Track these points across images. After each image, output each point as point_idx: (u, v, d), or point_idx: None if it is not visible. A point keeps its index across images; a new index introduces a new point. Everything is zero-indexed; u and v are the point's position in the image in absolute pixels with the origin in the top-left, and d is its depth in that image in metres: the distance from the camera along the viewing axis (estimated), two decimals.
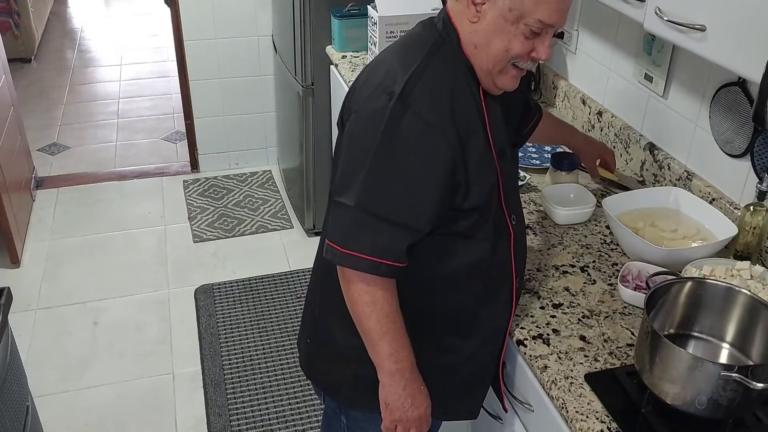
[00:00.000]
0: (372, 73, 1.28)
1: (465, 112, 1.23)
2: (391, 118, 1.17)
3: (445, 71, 1.23)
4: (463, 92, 1.24)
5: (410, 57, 1.23)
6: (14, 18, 5.08)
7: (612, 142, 2.14)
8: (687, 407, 1.17)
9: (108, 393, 2.62)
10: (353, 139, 1.24)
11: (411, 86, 1.19)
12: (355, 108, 1.26)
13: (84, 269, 3.25)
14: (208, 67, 3.69)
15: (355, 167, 1.21)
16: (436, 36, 1.26)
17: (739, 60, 1.24)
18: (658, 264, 1.55)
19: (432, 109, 1.19)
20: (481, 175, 1.25)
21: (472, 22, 1.20)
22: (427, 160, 1.19)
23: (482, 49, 1.22)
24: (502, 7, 1.16)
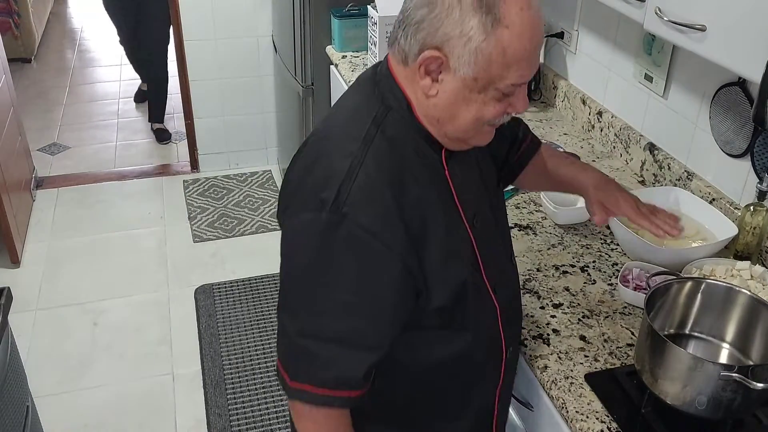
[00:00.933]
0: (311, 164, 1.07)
1: (418, 199, 1.03)
2: (325, 233, 0.99)
3: (388, 157, 1.03)
4: (415, 172, 1.04)
5: (346, 146, 1.03)
6: (14, 18, 5.08)
7: (612, 142, 2.14)
8: (687, 407, 1.17)
9: (108, 393, 2.62)
10: (287, 254, 1.07)
11: (345, 190, 0.99)
12: (288, 210, 1.07)
13: (84, 269, 3.25)
14: (208, 67, 3.69)
15: (292, 288, 1.06)
16: (377, 107, 1.06)
17: (739, 60, 1.24)
18: (658, 264, 1.55)
19: (374, 214, 0.99)
20: (447, 272, 1.07)
21: (429, 95, 1.02)
22: (373, 278, 1.01)
23: (447, 122, 1.04)
24: (465, 77, 0.98)
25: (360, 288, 1.02)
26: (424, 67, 0.99)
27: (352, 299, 1.02)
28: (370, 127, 1.04)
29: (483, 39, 0.95)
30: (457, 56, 0.96)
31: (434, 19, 0.96)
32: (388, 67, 1.07)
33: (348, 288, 1.01)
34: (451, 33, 0.95)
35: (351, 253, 1.00)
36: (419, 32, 0.98)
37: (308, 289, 1.03)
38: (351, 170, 1.01)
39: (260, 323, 2.92)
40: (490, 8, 0.94)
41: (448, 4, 0.95)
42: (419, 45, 0.98)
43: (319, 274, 1.02)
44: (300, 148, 1.14)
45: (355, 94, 1.14)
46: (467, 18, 0.94)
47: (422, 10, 0.97)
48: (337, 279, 1.01)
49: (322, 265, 1.01)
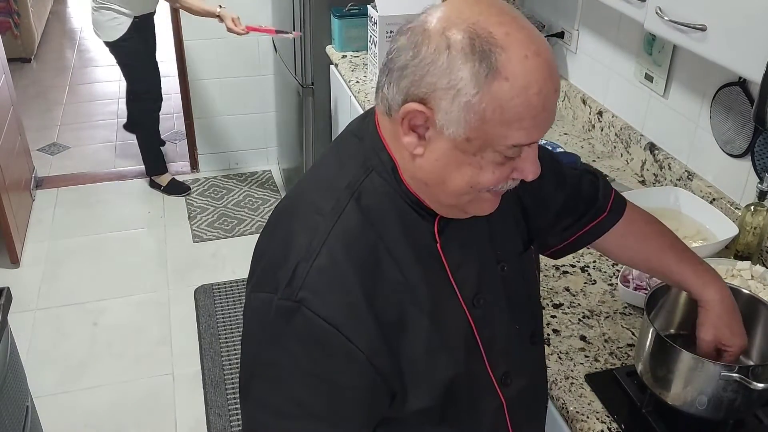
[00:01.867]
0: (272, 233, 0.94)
1: (396, 284, 0.87)
2: (276, 321, 0.85)
3: (359, 233, 0.87)
4: (394, 252, 0.88)
5: (310, 217, 0.88)
6: (14, 18, 5.08)
7: (612, 142, 2.14)
8: (687, 407, 1.17)
9: (108, 394, 2.62)
10: (243, 333, 0.93)
11: (302, 271, 0.84)
12: (248, 284, 0.94)
13: (83, 269, 3.24)
14: (208, 67, 3.69)
15: (246, 374, 0.92)
16: (355, 169, 0.90)
17: (740, 60, 1.24)
18: None
19: (335, 303, 0.84)
20: (430, 368, 0.90)
21: (415, 155, 0.84)
22: (334, 377, 0.85)
23: (436, 186, 0.86)
24: (455, 136, 0.80)
25: (321, 387, 0.85)
26: (408, 122, 0.82)
27: (312, 399, 0.86)
28: (342, 195, 0.88)
29: (475, 93, 0.77)
30: (444, 111, 0.79)
31: (419, 64, 0.79)
32: (374, 120, 0.91)
33: (306, 386, 0.86)
34: (438, 83, 0.78)
35: (309, 348, 0.84)
36: (403, 79, 0.81)
37: (263, 380, 0.88)
38: (311, 248, 0.85)
39: None
40: (484, 55, 0.77)
41: (434, 47, 0.78)
42: (402, 95, 0.82)
43: (274, 366, 0.87)
44: (270, 215, 1.00)
45: (335, 150, 0.97)
46: (456, 66, 0.77)
47: (406, 53, 0.81)
48: (294, 375, 0.85)
49: (275, 357, 0.86)
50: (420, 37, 0.80)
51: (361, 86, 2.56)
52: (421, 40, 0.80)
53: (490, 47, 0.77)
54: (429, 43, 0.79)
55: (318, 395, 0.86)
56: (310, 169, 1.00)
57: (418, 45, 0.80)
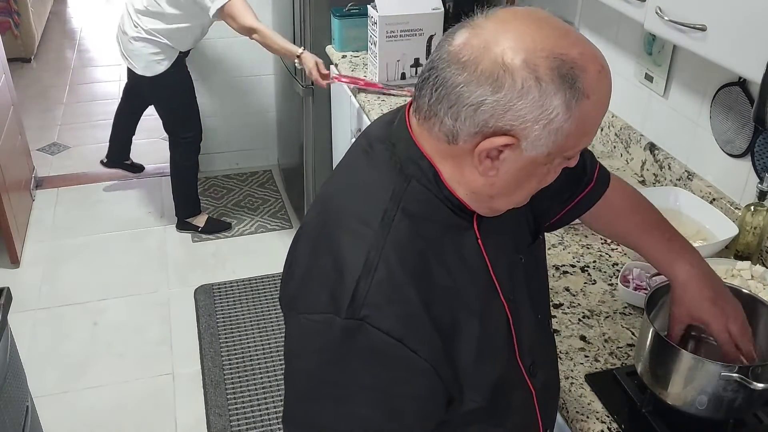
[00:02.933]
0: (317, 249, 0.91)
1: (447, 288, 0.89)
2: (342, 342, 0.84)
3: (411, 242, 0.87)
4: (443, 256, 0.90)
5: (360, 231, 0.87)
6: (14, 18, 5.08)
7: (612, 142, 2.14)
8: (687, 407, 1.17)
9: (108, 393, 2.62)
10: (293, 356, 0.91)
11: (363, 289, 0.83)
12: (295, 304, 0.91)
13: (84, 269, 3.25)
14: (208, 67, 3.69)
15: (300, 397, 0.90)
16: (395, 179, 0.90)
17: (740, 60, 1.24)
18: None
19: (398, 315, 0.84)
20: (482, 369, 0.92)
21: (489, 176, 0.86)
22: (400, 389, 0.85)
23: (501, 197, 0.90)
24: (537, 154, 0.83)
25: (384, 401, 0.85)
26: (487, 152, 0.84)
27: (374, 414, 0.85)
28: (388, 206, 0.88)
29: (567, 117, 0.81)
30: (534, 139, 0.81)
31: (500, 100, 0.79)
32: (407, 129, 0.91)
33: (369, 402, 0.85)
34: (527, 116, 0.80)
35: (373, 364, 0.84)
36: (478, 115, 0.81)
37: (320, 402, 0.86)
38: (369, 263, 0.85)
39: (260, 323, 2.92)
40: (573, 82, 0.80)
41: (521, 84, 0.79)
42: (478, 128, 0.82)
43: (335, 387, 0.85)
44: (299, 231, 0.98)
45: (365, 161, 0.96)
46: (548, 98, 0.79)
47: (481, 90, 0.80)
48: (357, 393, 0.85)
49: (337, 378, 0.85)
50: (499, 73, 0.79)
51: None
52: (500, 76, 0.79)
53: (574, 72, 0.80)
54: (513, 78, 0.79)
55: (383, 411, 0.85)
56: (339, 179, 0.99)
57: (499, 81, 0.79)
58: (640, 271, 1.54)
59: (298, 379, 0.90)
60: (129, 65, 3.08)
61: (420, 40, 2.46)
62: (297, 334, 0.90)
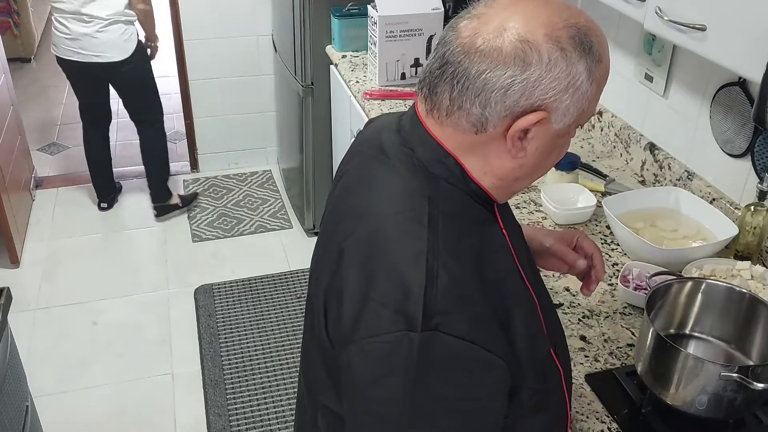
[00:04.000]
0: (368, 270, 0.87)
1: (493, 278, 0.89)
2: (421, 355, 0.81)
3: (458, 241, 0.88)
4: (483, 248, 0.90)
5: (412, 242, 0.85)
6: (14, 18, 5.08)
7: (612, 141, 2.14)
8: (687, 407, 1.17)
9: (107, 393, 2.62)
10: (363, 387, 0.86)
11: (432, 297, 0.82)
12: (352, 331, 0.86)
13: (83, 269, 3.24)
14: (208, 67, 3.69)
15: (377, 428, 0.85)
16: (425, 182, 0.90)
17: (740, 60, 1.24)
18: (658, 264, 1.54)
19: (467, 316, 0.83)
20: (533, 352, 0.91)
21: (518, 157, 0.88)
22: (481, 390, 0.84)
23: (527, 177, 0.92)
24: (563, 125, 0.86)
25: (468, 409, 0.84)
26: (517, 135, 0.85)
27: (460, 425, 0.84)
28: (431, 210, 0.87)
29: (590, 83, 0.84)
30: (564, 110, 0.84)
31: (530, 77, 0.81)
32: (421, 128, 0.91)
33: (454, 413, 0.83)
34: (557, 87, 0.82)
35: (452, 372, 0.82)
36: (509, 96, 0.82)
37: (406, 426, 0.83)
38: (430, 270, 0.83)
39: (260, 323, 2.92)
40: (590, 47, 0.84)
41: (548, 58, 0.81)
42: (508, 110, 0.83)
43: (418, 406, 0.82)
44: (334, 256, 0.93)
45: (384, 169, 0.94)
46: (575, 66, 0.82)
47: (510, 71, 0.81)
48: (441, 406, 0.82)
49: (420, 395, 0.82)
50: (525, 51, 0.81)
51: (361, 86, 2.56)
52: (527, 53, 0.81)
53: (589, 38, 0.84)
54: (540, 52, 0.81)
55: (466, 419, 0.84)
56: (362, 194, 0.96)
57: (526, 59, 0.81)
58: (639, 271, 1.54)
59: (374, 406, 0.85)
60: (99, 61, 3.09)
61: (420, 40, 2.46)
62: (364, 363, 0.85)
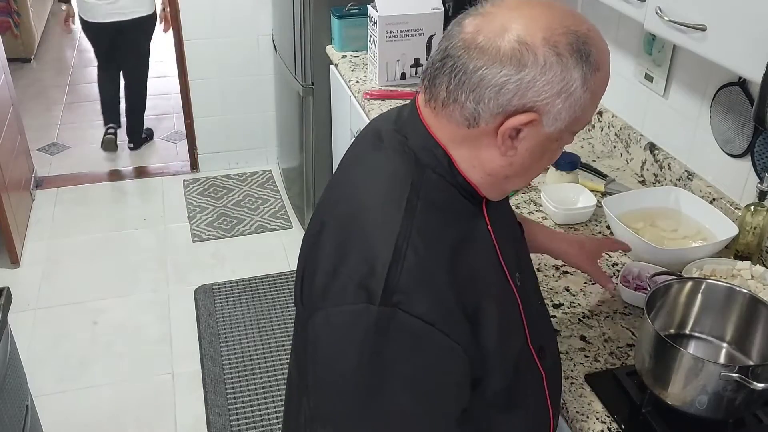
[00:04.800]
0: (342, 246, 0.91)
1: (469, 270, 0.91)
2: (377, 329, 0.84)
3: (435, 227, 0.90)
4: (463, 240, 0.92)
5: (387, 223, 0.88)
6: (14, 18, 5.08)
7: (612, 141, 2.14)
8: (687, 407, 1.17)
9: (107, 393, 2.62)
10: (324, 356, 0.90)
11: (395, 276, 0.84)
12: (320, 303, 0.90)
13: (83, 269, 3.25)
14: (208, 67, 3.69)
15: (335, 397, 0.89)
16: (412, 169, 0.92)
17: (740, 60, 1.24)
18: (658, 264, 1.54)
19: (429, 300, 0.85)
20: (503, 348, 0.94)
21: (508, 156, 0.90)
22: (436, 374, 0.87)
23: (517, 177, 0.93)
24: (555, 129, 0.88)
25: (422, 389, 0.86)
26: (507, 133, 0.87)
27: (413, 404, 0.86)
28: (410, 195, 0.90)
29: (585, 90, 0.86)
30: (555, 114, 0.86)
31: (524, 78, 0.83)
32: (418, 119, 0.94)
33: (407, 391, 0.86)
34: (550, 91, 0.84)
35: (408, 349, 0.85)
36: (502, 95, 0.84)
37: (358, 396, 0.86)
38: (398, 250, 0.86)
39: (260, 323, 2.92)
40: (587, 55, 0.85)
41: (543, 61, 0.83)
42: (501, 108, 0.85)
43: (372, 378, 0.85)
44: (316, 227, 0.98)
45: (377, 153, 0.98)
46: (569, 71, 0.84)
47: (505, 70, 0.83)
48: (395, 382, 0.85)
49: (374, 368, 0.85)
50: (522, 52, 0.83)
51: (361, 86, 2.56)
52: (523, 55, 0.83)
53: (587, 47, 0.85)
54: (536, 55, 0.83)
55: (421, 398, 0.86)
56: (353, 174, 1.00)
57: (522, 60, 0.83)
58: (640, 272, 1.54)
59: (331, 375, 0.89)
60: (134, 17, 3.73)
61: (420, 40, 2.46)
62: (326, 330, 0.89)
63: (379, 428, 0.87)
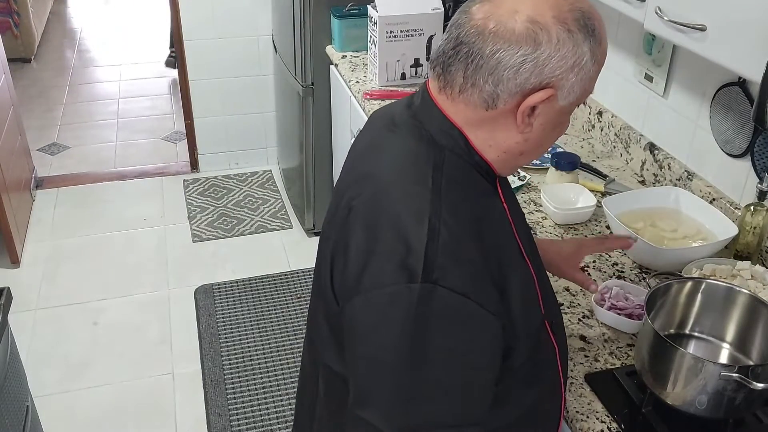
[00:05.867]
0: (373, 228, 0.93)
1: (493, 243, 0.94)
2: (420, 306, 0.86)
3: (462, 204, 0.93)
4: (485, 215, 0.96)
5: (416, 201, 0.91)
6: (14, 18, 5.08)
7: (612, 141, 2.14)
8: (687, 407, 1.17)
9: (108, 393, 2.62)
10: (365, 336, 0.92)
11: (433, 253, 0.87)
12: (356, 284, 0.92)
13: (84, 269, 3.24)
14: (208, 67, 3.69)
15: (380, 375, 0.90)
16: (433, 150, 0.96)
17: (740, 60, 1.24)
18: (658, 264, 1.54)
19: (464, 273, 0.89)
20: (527, 319, 0.97)
21: (525, 132, 0.94)
22: (475, 345, 0.90)
23: (531, 152, 0.98)
24: (568, 103, 0.93)
25: (463, 361, 0.89)
26: (527, 111, 0.91)
27: (455, 376, 0.89)
28: (435, 175, 0.93)
29: (593, 63, 0.92)
30: (569, 88, 0.91)
31: (540, 56, 0.88)
32: (433, 104, 0.97)
33: (450, 363, 0.88)
34: (564, 66, 0.89)
35: (449, 324, 0.87)
36: (521, 74, 0.88)
37: (405, 373, 0.88)
38: (432, 228, 0.89)
39: (260, 323, 2.92)
40: (593, 30, 0.91)
41: (557, 38, 0.88)
42: (519, 87, 0.89)
43: (415, 355, 0.87)
44: (343, 214, 0.99)
45: (394, 138, 1.01)
46: (580, 46, 0.90)
47: (522, 50, 0.87)
48: (437, 356, 0.88)
49: (417, 344, 0.87)
50: (535, 31, 0.87)
51: (361, 86, 2.56)
52: (537, 33, 0.87)
53: (592, 21, 0.92)
54: (549, 33, 0.88)
55: (465, 369, 0.90)
56: (369, 158, 1.03)
57: (537, 39, 0.87)
58: (618, 291, 1.48)
59: (375, 354, 0.90)
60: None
61: (420, 41, 2.46)
62: (367, 313, 0.91)
63: (422, 403, 0.89)
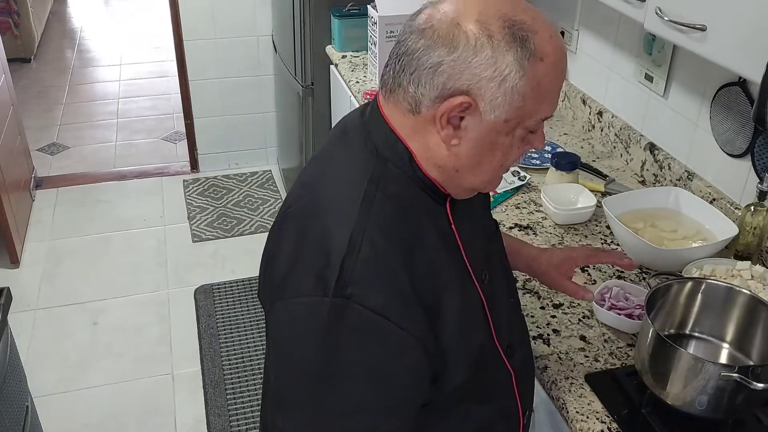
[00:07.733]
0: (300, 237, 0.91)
1: (429, 265, 0.91)
2: (331, 320, 0.85)
3: (393, 220, 0.90)
4: (422, 234, 0.92)
5: (342, 213, 0.89)
6: (14, 18, 5.08)
7: (612, 142, 2.14)
8: (687, 407, 1.17)
9: (107, 393, 2.62)
10: (282, 346, 0.91)
11: (349, 267, 0.85)
12: (279, 294, 0.91)
13: (83, 269, 3.24)
14: (208, 67, 3.69)
15: (293, 384, 0.90)
16: (372, 162, 0.92)
17: (740, 60, 1.24)
18: (658, 264, 1.54)
19: (384, 292, 0.86)
20: (464, 343, 0.95)
21: (452, 145, 0.89)
22: (390, 367, 0.87)
23: (468, 172, 0.92)
24: (495, 121, 0.87)
25: (376, 380, 0.87)
26: (446, 116, 0.87)
27: (367, 394, 0.87)
28: (368, 187, 0.90)
29: (521, 76, 0.85)
30: (490, 99, 0.85)
31: (457, 60, 0.84)
32: (379, 113, 0.94)
33: (362, 381, 0.87)
34: (482, 74, 0.84)
35: (362, 341, 0.85)
36: (437, 76, 0.85)
37: (315, 385, 0.87)
38: (353, 242, 0.86)
39: (260, 323, 2.92)
40: (524, 41, 0.84)
41: (474, 41, 0.84)
42: (438, 91, 0.86)
43: (328, 368, 0.86)
44: (279, 220, 0.99)
45: (341, 148, 0.99)
46: (501, 55, 0.84)
47: (439, 51, 0.85)
48: (349, 372, 0.86)
49: (330, 358, 0.86)
50: (454, 33, 0.84)
51: (361, 86, 2.56)
52: (455, 35, 0.84)
53: (526, 33, 0.85)
54: (467, 36, 0.84)
55: (375, 388, 0.87)
56: (316, 167, 1.01)
57: (454, 41, 0.84)
58: (618, 291, 1.48)
59: (289, 363, 0.90)
60: None
61: None
62: (286, 320, 0.90)
63: (334, 416, 0.88)
